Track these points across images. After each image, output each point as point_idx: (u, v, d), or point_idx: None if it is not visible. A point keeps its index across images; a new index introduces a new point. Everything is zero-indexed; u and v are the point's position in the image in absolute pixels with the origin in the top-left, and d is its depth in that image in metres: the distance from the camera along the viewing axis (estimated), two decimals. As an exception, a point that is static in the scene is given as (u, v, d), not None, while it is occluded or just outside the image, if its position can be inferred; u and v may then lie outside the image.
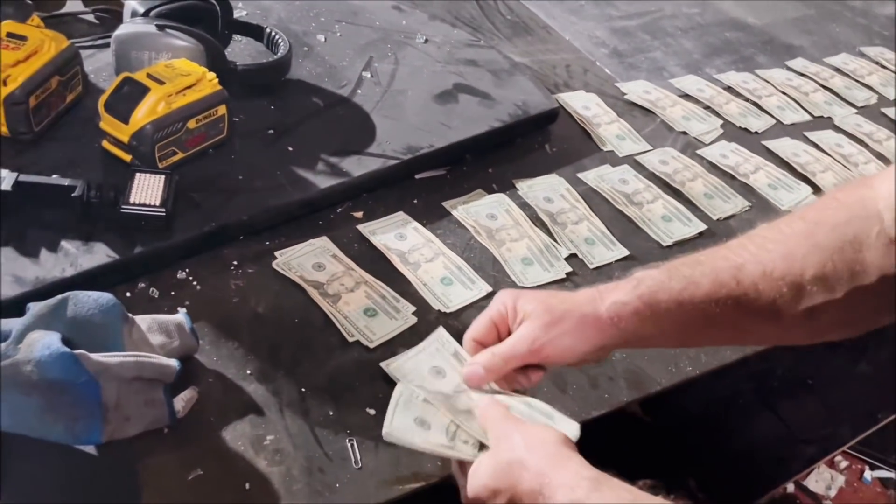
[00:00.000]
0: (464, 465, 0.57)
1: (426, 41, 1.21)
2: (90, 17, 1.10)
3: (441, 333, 0.64)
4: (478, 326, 0.62)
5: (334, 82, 1.08)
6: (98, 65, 1.00)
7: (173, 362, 0.65)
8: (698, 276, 0.59)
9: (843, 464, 1.73)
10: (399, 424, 0.58)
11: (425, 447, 0.57)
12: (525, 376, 0.62)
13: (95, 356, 0.61)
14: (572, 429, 0.57)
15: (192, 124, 0.85)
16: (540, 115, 1.11)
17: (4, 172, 0.76)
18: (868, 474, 1.71)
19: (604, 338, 0.59)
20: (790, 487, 1.67)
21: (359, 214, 0.92)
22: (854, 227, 0.55)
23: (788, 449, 1.44)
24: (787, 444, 1.44)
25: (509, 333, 0.62)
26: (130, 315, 0.68)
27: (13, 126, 0.83)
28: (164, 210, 0.77)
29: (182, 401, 0.66)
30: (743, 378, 1.52)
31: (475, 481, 0.55)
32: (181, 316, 0.71)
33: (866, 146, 1.27)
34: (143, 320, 0.69)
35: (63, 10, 1.09)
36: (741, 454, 1.45)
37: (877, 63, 1.54)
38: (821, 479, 1.68)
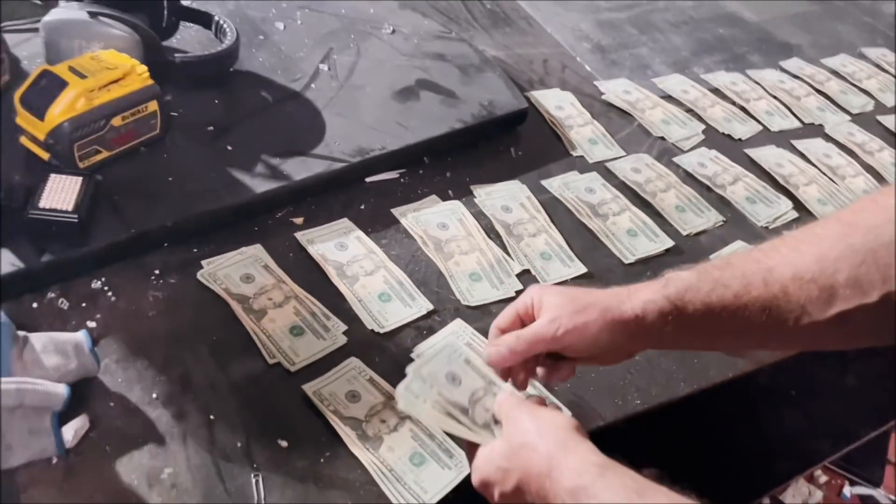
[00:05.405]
0: (474, 449, 0.58)
1: (393, 31, 1.15)
2: (34, -2, 1.04)
3: (453, 340, 0.63)
4: (503, 317, 0.64)
5: (288, 75, 1.02)
6: (34, 50, 0.94)
7: (61, 388, 0.60)
8: (728, 279, 0.58)
9: (823, 478, 1.68)
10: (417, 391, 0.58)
11: (442, 425, 0.58)
12: (556, 371, 0.63)
13: (-30, 384, 0.56)
14: None
15: (117, 122, 0.80)
16: (507, 115, 1.05)
17: None
18: (847, 490, 1.66)
19: (626, 335, 0.59)
20: (766, 502, 1.62)
21: (299, 220, 0.87)
22: (889, 229, 0.54)
23: (766, 462, 1.40)
24: (765, 457, 1.39)
25: None
26: (24, 334, 0.64)
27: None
28: (76, 216, 0.72)
29: (72, 429, 0.62)
30: (724, 388, 1.47)
31: (488, 464, 0.56)
32: (81, 335, 0.66)
33: (856, 157, 1.20)
34: (38, 339, 0.64)
35: (5, -10, 1.03)
36: (716, 466, 1.41)
37: (877, 66, 1.46)
38: (798, 494, 1.64)
